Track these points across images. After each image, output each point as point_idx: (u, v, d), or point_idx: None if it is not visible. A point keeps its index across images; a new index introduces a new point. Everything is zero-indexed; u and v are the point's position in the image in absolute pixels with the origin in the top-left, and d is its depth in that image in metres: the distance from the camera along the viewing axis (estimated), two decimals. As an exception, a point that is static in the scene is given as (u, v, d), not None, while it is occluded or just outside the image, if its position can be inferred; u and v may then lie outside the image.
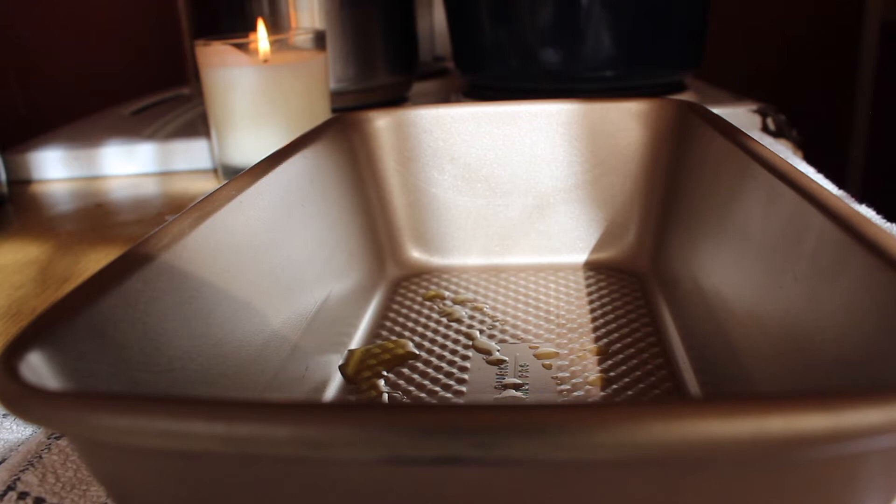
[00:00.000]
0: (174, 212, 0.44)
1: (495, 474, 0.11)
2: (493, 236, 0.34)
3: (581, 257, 0.33)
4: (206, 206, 0.20)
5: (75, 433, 0.12)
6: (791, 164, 0.21)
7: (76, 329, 0.14)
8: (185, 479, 0.12)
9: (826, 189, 0.18)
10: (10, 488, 0.19)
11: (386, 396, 0.23)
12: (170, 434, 0.10)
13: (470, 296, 0.31)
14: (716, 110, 0.30)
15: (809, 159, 0.46)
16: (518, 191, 0.34)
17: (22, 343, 0.12)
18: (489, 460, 0.10)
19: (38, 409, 0.11)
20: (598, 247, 0.33)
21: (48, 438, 0.21)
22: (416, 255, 0.34)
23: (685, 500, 0.11)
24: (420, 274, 0.33)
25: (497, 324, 0.28)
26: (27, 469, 0.19)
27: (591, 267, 0.33)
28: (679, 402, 0.10)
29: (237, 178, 0.23)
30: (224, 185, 0.22)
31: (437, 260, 0.34)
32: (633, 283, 0.31)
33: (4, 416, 0.23)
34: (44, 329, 0.13)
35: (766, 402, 0.09)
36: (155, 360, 0.15)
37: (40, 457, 0.20)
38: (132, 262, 0.16)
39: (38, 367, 0.12)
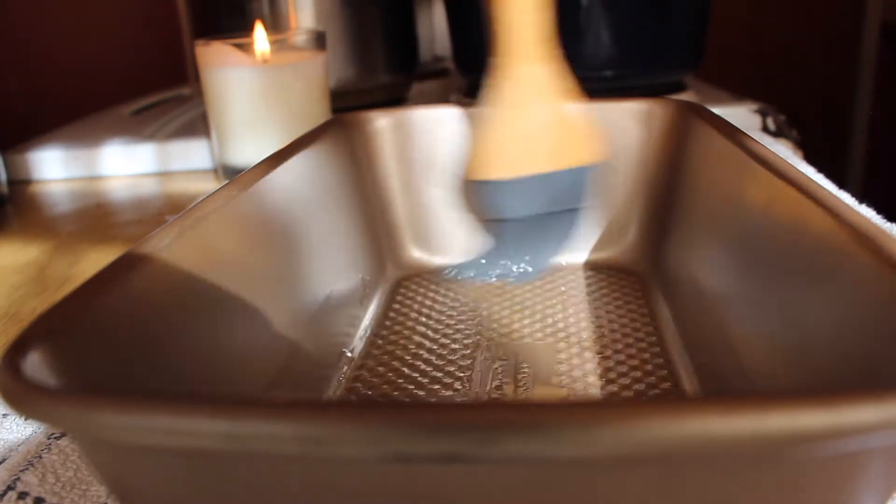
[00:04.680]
0: (174, 212, 0.44)
1: (496, 472, 0.11)
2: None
3: (581, 257, 0.33)
4: (206, 206, 0.20)
5: (78, 431, 0.12)
6: (791, 164, 0.21)
7: (78, 328, 0.14)
8: (187, 478, 0.12)
9: (826, 189, 0.18)
10: (9, 488, 0.19)
11: (386, 396, 0.23)
12: (172, 432, 0.10)
13: (470, 295, 0.31)
14: (716, 110, 0.30)
15: (809, 159, 0.46)
16: (518, 191, 0.34)
17: (25, 342, 0.12)
18: (489, 458, 0.10)
19: (42, 406, 0.11)
20: (598, 247, 0.33)
21: (48, 438, 0.21)
22: (416, 254, 0.34)
23: (684, 497, 0.11)
24: (420, 274, 0.33)
25: (497, 323, 0.28)
26: (27, 469, 0.19)
27: (591, 267, 0.33)
28: (679, 399, 0.10)
29: (237, 178, 0.23)
30: (224, 185, 0.22)
31: (437, 260, 0.34)
32: (633, 282, 0.31)
33: (5, 415, 0.23)
34: (46, 328, 0.13)
35: (764, 400, 0.09)
36: (156, 360, 0.16)
37: (40, 457, 0.20)
38: (133, 262, 0.16)
39: (40, 366, 0.12)
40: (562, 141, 0.30)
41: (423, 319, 0.29)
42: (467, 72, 0.58)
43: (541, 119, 0.29)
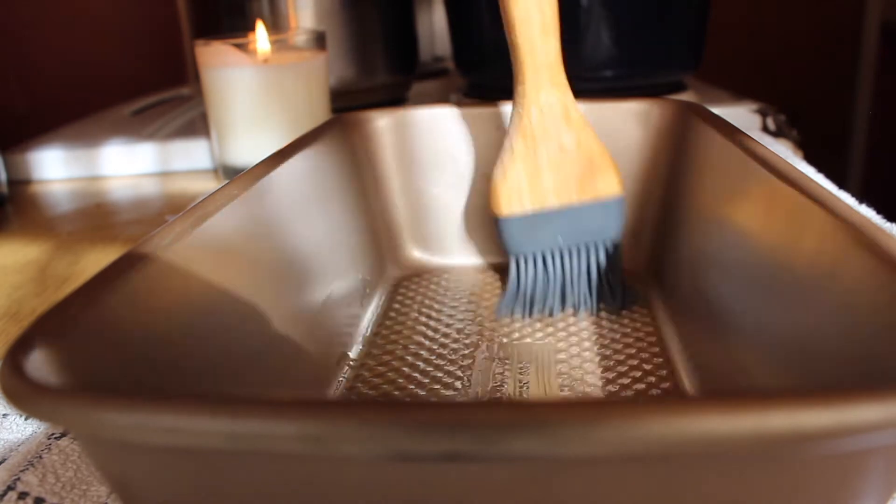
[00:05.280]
0: (174, 212, 0.44)
1: (497, 471, 0.11)
2: (494, 236, 0.34)
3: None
4: (207, 205, 0.20)
5: (81, 430, 0.12)
6: (791, 164, 0.21)
7: (80, 328, 0.14)
8: (189, 476, 0.12)
9: (826, 189, 0.18)
10: (10, 488, 0.19)
11: (387, 396, 0.23)
12: (174, 430, 0.10)
13: (471, 296, 0.31)
14: (716, 110, 0.30)
15: (809, 159, 0.46)
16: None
17: (27, 341, 0.12)
18: (491, 457, 0.10)
19: (45, 405, 0.11)
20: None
21: (48, 438, 0.21)
22: (416, 254, 0.34)
23: (685, 496, 0.11)
24: (420, 274, 0.33)
25: (497, 323, 0.28)
26: (27, 469, 0.19)
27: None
28: (680, 399, 0.10)
29: (238, 177, 0.23)
30: (225, 184, 0.22)
31: (437, 259, 0.34)
32: (633, 282, 0.31)
33: (5, 415, 0.23)
34: (48, 327, 0.13)
35: (765, 399, 0.09)
36: (158, 360, 0.16)
37: (40, 457, 0.20)
38: (135, 261, 0.16)
39: (42, 365, 0.12)
40: (580, 172, 0.29)
41: (423, 319, 0.29)
42: (467, 72, 0.58)
43: (555, 149, 0.28)
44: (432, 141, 0.34)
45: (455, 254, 0.34)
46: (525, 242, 0.29)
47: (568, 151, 0.29)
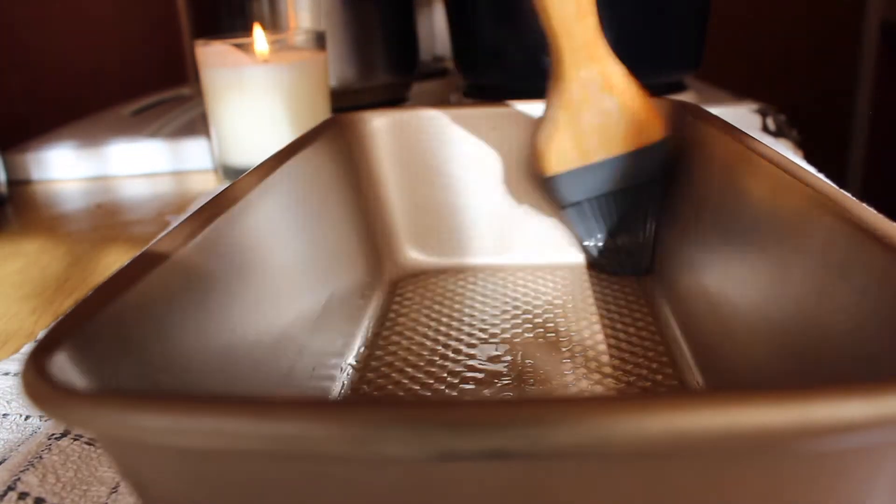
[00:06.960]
0: (174, 212, 0.44)
1: (539, 469, 0.11)
2: (492, 236, 0.34)
3: (580, 257, 0.33)
4: (214, 206, 0.20)
5: (117, 435, 0.11)
6: (788, 158, 0.21)
7: (99, 331, 0.13)
8: (224, 479, 0.11)
9: (831, 185, 0.18)
10: (10, 488, 0.19)
11: (392, 396, 0.23)
12: (217, 433, 0.10)
13: (470, 295, 0.31)
14: (716, 110, 0.30)
15: (809, 159, 0.46)
16: (516, 191, 0.34)
17: (49, 345, 0.12)
18: (539, 453, 0.10)
19: (79, 411, 0.10)
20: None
21: (48, 439, 0.21)
22: (414, 255, 0.34)
23: (707, 491, 0.11)
24: (418, 274, 0.33)
25: (497, 322, 0.28)
26: (27, 469, 0.19)
27: (592, 266, 0.33)
28: (730, 392, 0.10)
29: (242, 178, 0.23)
30: (230, 185, 0.22)
31: (435, 260, 0.34)
32: (632, 281, 0.31)
33: (5, 415, 0.23)
34: (69, 331, 0.13)
35: (769, 394, 0.09)
36: (172, 361, 0.15)
37: (41, 457, 0.20)
38: (148, 263, 0.16)
39: (66, 368, 0.12)
40: (623, 129, 0.30)
41: (423, 320, 0.29)
42: (467, 72, 0.58)
43: (598, 114, 0.30)
44: (430, 141, 0.33)
45: (452, 254, 0.34)
46: (572, 193, 0.32)
47: (611, 114, 0.30)
